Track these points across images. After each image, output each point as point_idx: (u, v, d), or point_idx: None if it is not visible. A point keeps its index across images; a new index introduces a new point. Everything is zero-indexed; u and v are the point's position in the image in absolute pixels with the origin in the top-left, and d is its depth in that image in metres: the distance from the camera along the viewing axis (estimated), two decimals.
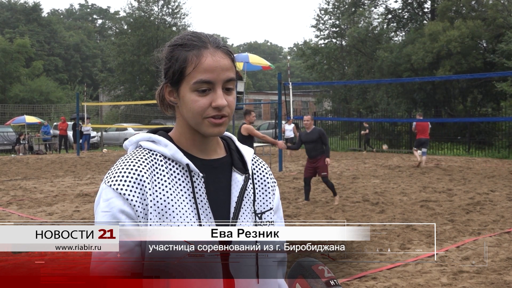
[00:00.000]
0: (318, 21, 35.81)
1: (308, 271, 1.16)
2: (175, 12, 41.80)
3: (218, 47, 1.30)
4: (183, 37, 1.32)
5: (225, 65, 1.28)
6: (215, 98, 1.26)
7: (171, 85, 1.32)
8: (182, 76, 1.28)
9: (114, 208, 1.22)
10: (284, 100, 15.29)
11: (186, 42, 1.30)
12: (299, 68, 55.37)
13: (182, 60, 1.28)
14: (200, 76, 1.25)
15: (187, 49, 1.28)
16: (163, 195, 1.25)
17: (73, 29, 64.96)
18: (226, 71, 1.27)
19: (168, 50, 1.32)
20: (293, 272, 1.19)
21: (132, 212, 1.22)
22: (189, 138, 1.34)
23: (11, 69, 41.22)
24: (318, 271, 1.15)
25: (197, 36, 1.31)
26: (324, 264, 1.18)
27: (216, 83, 1.26)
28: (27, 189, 11.90)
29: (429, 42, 25.21)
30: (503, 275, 5.14)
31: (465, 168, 15.70)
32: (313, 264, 1.17)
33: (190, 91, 1.27)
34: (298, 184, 12.03)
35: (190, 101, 1.27)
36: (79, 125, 24.06)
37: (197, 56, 1.27)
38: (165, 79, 1.33)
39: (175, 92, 1.31)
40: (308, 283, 1.14)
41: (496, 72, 21.09)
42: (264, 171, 1.45)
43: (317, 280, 1.14)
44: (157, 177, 1.27)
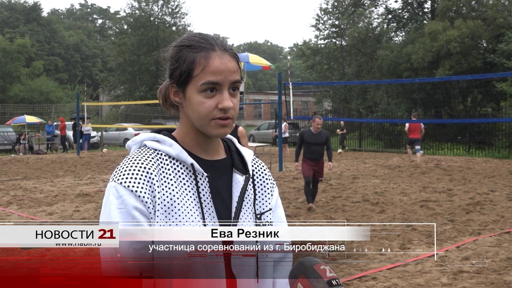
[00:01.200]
0: (318, 21, 35.84)
1: (310, 270, 1.16)
2: (175, 12, 41.82)
3: (226, 49, 1.31)
4: (190, 39, 1.32)
5: (232, 68, 1.29)
6: (222, 100, 1.27)
7: (177, 86, 1.32)
8: (190, 77, 1.29)
9: (128, 205, 1.22)
10: (284, 100, 15.29)
11: (193, 43, 1.30)
12: (299, 68, 55.36)
13: (190, 61, 1.29)
14: (208, 78, 1.26)
15: (195, 51, 1.29)
16: (169, 193, 1.26)
17: (73, 29, 64.98)
18: (232, 74, 1.29)
19: (175, 50, 1.33)
20: (295, 271, 1.19)
21: (144, 209, 1.23)
22: (193, 138, 1.34)
23: (11, 69, 41.22)
24: (320, 270, 1.15)
25: (204, 38, 1.31)
26: (326, 264, 1.18)
27: (223, 85, 1.28)
28: (27, 189, 11.90)
29: (429, 41, 25.21)
30: (503, 275, 5.14)
31: (465, 168, 15.70)
32: (315, 264, 1.17)
33: (197, 93, 1.28)
34: (298, 184, 12.03)
35: (197, 102, 1.28)
36: (79, 125, 24.07)
37: (205, 58, 1.27)
38: (171, 79, 1.33)
39: (181, 92, 1.32)
40: (310, 282, 1.14)
41: (496, 73, 21.09)
42: (264, 172, 1.47)
43: (319, 279, 1.13)
44: (163, 176, 1.28)
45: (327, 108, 37.43)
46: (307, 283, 1.15)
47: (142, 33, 39.79)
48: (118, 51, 40.79)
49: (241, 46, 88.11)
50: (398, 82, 26.04)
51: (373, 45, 31.60)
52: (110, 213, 1.23)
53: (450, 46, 24.11)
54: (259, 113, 52.87)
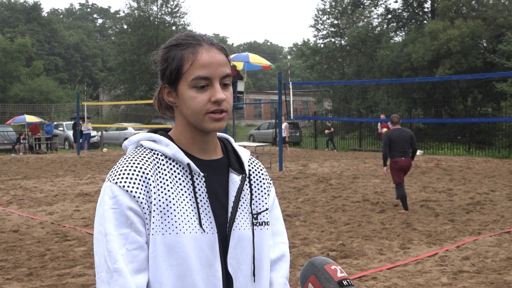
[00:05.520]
0: (317, 21, 35.83)
1: (321, 270, 1.15)
2: (175, 12, 41.82)
3: (212, 44, 1.32)
4: (177, 38, 1.34)
5: (220, 61, 1.29)
6: (214, 93, 1.27)
7: (169, 85, 1.33)
8: (180, 74, 1.29)
9: (123, 205, 1.22)
10: (284, 100, 15.29)
11: (180, 42, 1.31)
12: (299, 68, 55.36)
13: (178, 58, 1.29)
14: (198, 72, 1.27)
15: (183, 48, 1.30)
16: (165, 194, 1.26)
17: (73, 29, 64.95)
18: (222, 67, 1.29)
19: (164, 51, 1.34)
20: (306, 271, 1.18)
21: (139, 209, 1.23)
22: (189, 137, 1.34)
23: (12, 68, 41.22)
24: (331, 270, 1.14)
25: (191, 36, 1.33)
26: (337, 264, 1.17)
27: (214, 78, 1.28)
28: (27, 188, 11.90)
29: (429, 41, 25.20)
30: (503, 275, 5.14)
31: (465, 168, 15.70)
32: (326, 264, 1.16)
33: (188, 88, 1.28)
34: (298, 184, 12.03)
35: (189, 98, 1.28)
36: (79, 124, 24.07)
37: (193, 53, 1.28)
38: (163, 80, 1.34)
39: (173, 91, 1.32)
40: (320, 282, 1.14)
41: (496, 73, 21.08)
42: (260, 171, 1.47)
43: (330, 279, 1.13)
44: (160, 176, 1.28)
45: (327, 108, 37.41)
46: (317, 283, 1.14)
47: (142, 33, 39.79)
48: (118, 50, 40.79)
49: (241, 46, 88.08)
50: (398, 81, 26.03)
51: (373, 45, 31.59)
52: (104, 213, 1.22)
53: (450, 45, 24.11)
54: (259, 113, 52.86)
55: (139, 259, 1.21)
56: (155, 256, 1.22)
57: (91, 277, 5.12)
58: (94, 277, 4.84)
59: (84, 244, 6.51)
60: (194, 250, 1.23)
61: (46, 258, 5.92)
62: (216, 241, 1.27)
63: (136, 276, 1.19)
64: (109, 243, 1.19)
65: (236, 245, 1.30)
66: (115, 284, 1.17)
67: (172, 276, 1.22)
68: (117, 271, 1.17)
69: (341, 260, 5.75)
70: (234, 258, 1.30)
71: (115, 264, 1.18)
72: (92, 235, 6.67)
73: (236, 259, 1.30)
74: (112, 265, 1.18)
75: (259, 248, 1.35)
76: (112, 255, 1.18)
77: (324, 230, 7.27)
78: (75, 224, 7.78)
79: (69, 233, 7.15)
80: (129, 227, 1.21)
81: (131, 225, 1.21)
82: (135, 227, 1.21)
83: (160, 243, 1.22)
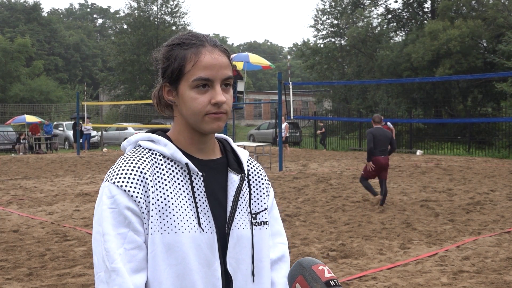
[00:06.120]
0: (317, 21, 35.84)
1: (308, 271, 1.15)
2: (175, 12, 41.82)
3: (215, 45, 1.31)
4: (180, 37, 1.33)
5: (223, 63, 1.29)
6: (214, 95, 1.27)
7: (169, 84, 1.32)
8: (181, 74, 1.29)
9: (120, 205, 1.21)
10: (284, 100, 15.28)
11: (184, 41, 1.31)
12: (299, 68, 55.38)
13: (180, 58, 1.29)
14: (200, 73, 1.26)
15: (185, 48, 1.29)
16: (163, 193, 1.25)
17: (73, 29, 64.95)
18: (224, 69, 1.29)
19: (166, 50, 1.33)
20: (293, 272, 1.18)
21: (137, 209, 1.22)
22: (187, 137, 1.34)
23: (12, 68, 41.22)
24: (318, 271, 1.14)
25: (194, 36, 1.32)
26: (324, 264, 1.17)
27: (215, 80, 1.27)
28: (27, 188, 11.90)
29: (429, 40, 25.20)
30: (503, 275, 5.14)
31: (465, 168, 15.70)
32: (313, 264, 1.16)
33: (189, 89, 1.28)
34: (298, 184, 12.03)
35: (190, 98, 1.28)
36: (79, 124, 24.08)
37: (196, 54, 1.28)
38: (163, 78, 1.33)
39: (174, 91, 1.32)
40: (308, 283, 1.13)
41: (496, 73, 21.07)
42: (259, 172, 1.47)
43: (317, 280, 1.13)
44: (158, 176, 1.27)
45: (327, 108, 37.41)
46: (305, 284, 1.14)
47: (142, 33, 39.80)
48: (118, 50, 40.79)
49: (241, 46, 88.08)
50: (398, 81, 26.02)
51: (373, 45, 31.58)
52: (102, 213, 1.22)
53: (450, 45, 24.10)
54: (259, 113, 52.86)
55: (137, 259, 1.20)
56: (154, 256, 1.22)
57: (91, 277, 5.12)
58: (94, 277, 4.84)
59: (84, 244, 6.51)
60: (193, 249, 1.23)
61: (46, 258, 5.92)
62: (215, 241, 1.26)
63: (134, 275, 1.19)
64: (107, 242, 1.19)
65: (235, 245, 1.30)
66: (114, 283, 1.17)
67: (171, 276, 1.22)
68: (115, 271, 1.17)
69: (341, 260, 5.74)
70: (233, 258, 1.29)
71: (113, 263, 1.18)
72: (91, 235, 6.67)
73: (235, 259, 1.30)
74: (110, 265, 1.18)
75: (258, 248, 1.35)
76: (110, 254, 1.18)
77: (324, 230, 7.26)
78: (75, 224, 7.78)
79: (69, 233, 7.15)
80: (127, 226, 1.21)
81: (129, 225, 1.21)
82: (133, 226, 1.21)
83: (159, 242, 1.22)
